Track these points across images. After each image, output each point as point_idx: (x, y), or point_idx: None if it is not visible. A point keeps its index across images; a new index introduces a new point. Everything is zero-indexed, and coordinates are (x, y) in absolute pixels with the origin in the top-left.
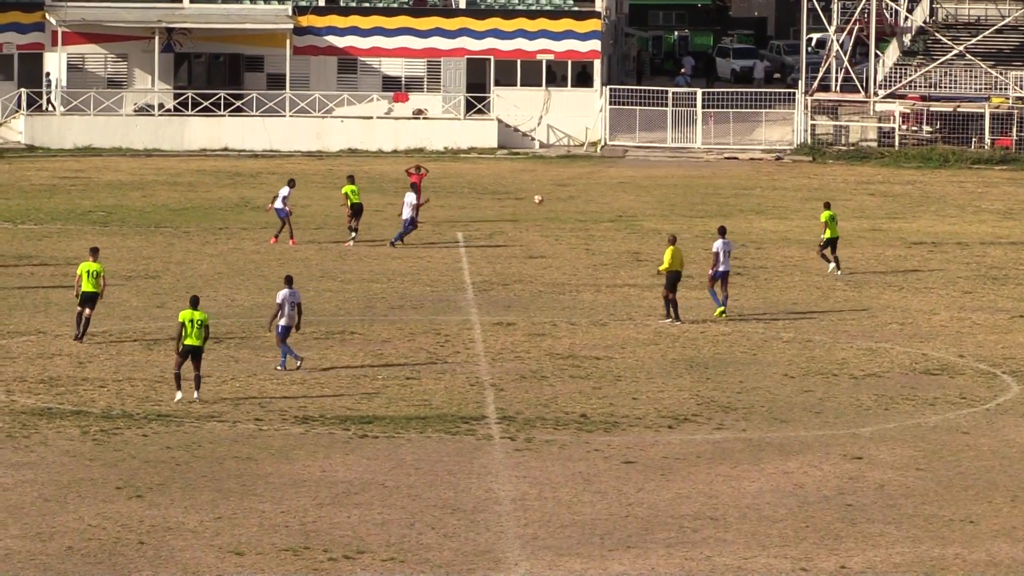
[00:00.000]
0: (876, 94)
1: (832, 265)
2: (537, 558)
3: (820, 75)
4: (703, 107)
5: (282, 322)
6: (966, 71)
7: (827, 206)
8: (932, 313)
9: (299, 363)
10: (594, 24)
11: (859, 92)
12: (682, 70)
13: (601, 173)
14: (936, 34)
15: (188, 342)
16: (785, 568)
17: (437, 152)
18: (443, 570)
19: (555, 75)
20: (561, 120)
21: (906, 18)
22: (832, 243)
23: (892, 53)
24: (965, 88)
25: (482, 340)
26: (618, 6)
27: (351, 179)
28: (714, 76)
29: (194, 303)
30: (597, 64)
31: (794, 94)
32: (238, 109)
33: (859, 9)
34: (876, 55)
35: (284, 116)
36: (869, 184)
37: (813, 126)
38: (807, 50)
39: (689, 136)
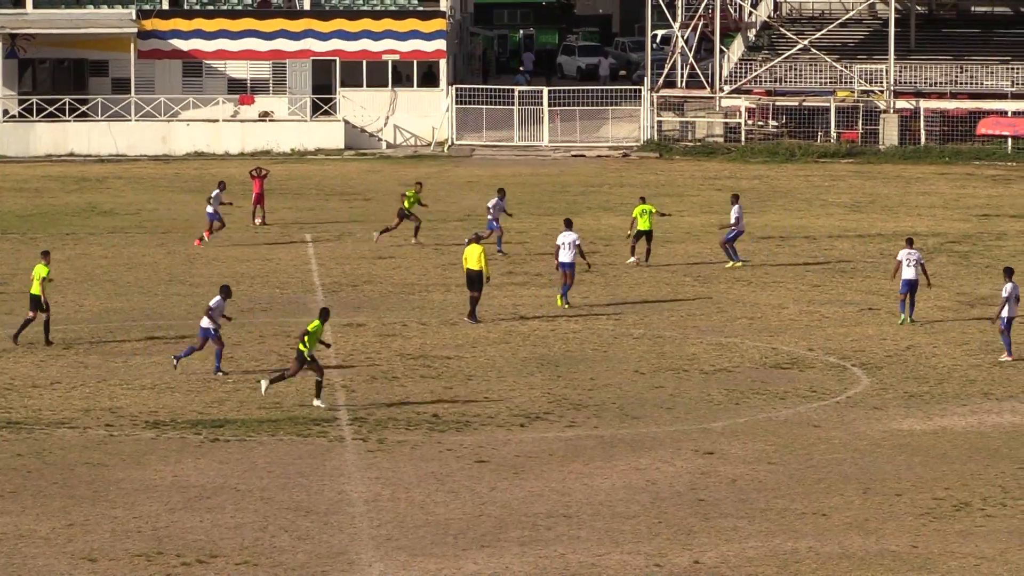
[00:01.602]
0: (722, 90)
1: (633, 259)
2: (391, 559)
3: (666, 71)
4: (549, 105)
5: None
6: (811, 65)
7: (642, 200)
8: (781, 307)
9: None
10: (439, 24)
11: (705, 88)
12: (520, 68)
13: (449, 173)
14: (780, 28)
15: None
16: (639, 564)
17: (284, 154)
18: (297, 573)
19: (401, 75)
20: (408, 120)
21: (750, 13)
22: (645, 235)
23: (737, 48)
24: (810, 82)
25: (332, 342)
26: (463, 5)
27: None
28: (554, 73)
29: (323, 315)
30: (443, 64)
31: (640, 91)
32: (83, 114)
33: (703, 5)
34: (721, 51)
35: (130, 120)
36: (716, 179)
37: (659, 122)
38: (652, 47)
39: (536, 134)
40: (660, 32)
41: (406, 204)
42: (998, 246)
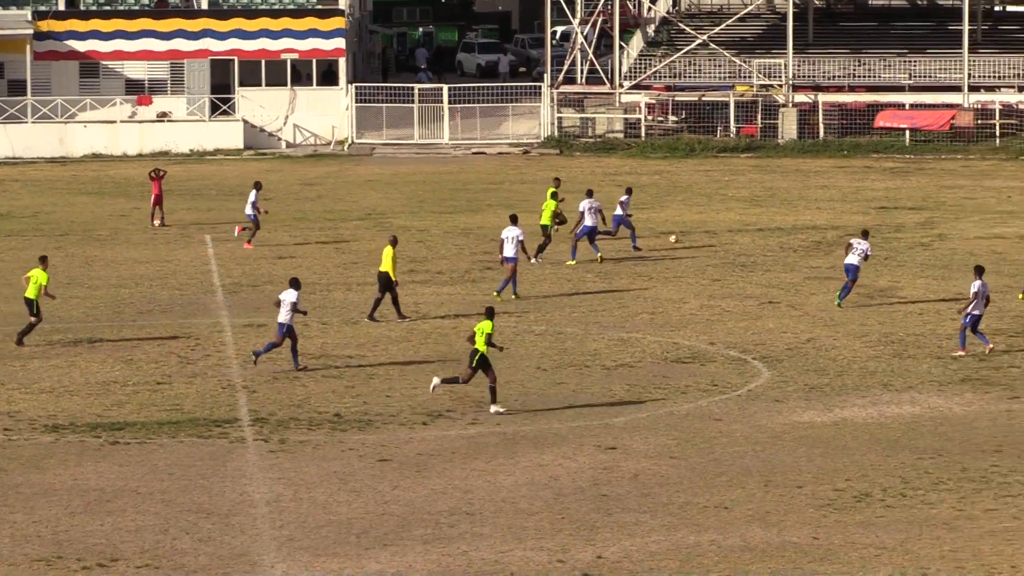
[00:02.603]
0: (621, 85)
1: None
2: (294, 559)
3: (565, 68)
4: (449, 103)
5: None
6: (710, 60)
7: (554, 196)
8: (682, 302)
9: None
10: (338, 22)
11: (604, 84)
12: (422, 66)
13: (349, 171)
14: (679, 24)
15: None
16: (542, 560)
17: (183, 154)
18: (199, 575)
19: (300, 74)
20: (307, 119)
21: (649, 9)
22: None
23: (636, 44)
24: (709, 77)
25: (233, 342)
26: (362, 3)
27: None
28: (447, 69)
29: (489, 314)
30: (342, 62)
31: (540, 87)
32: None
33: (603, 1)
34: (620, 47)
35: (26, 122)
36: (617, 175)
37: (560, 119)
38: (552, 43)
39: (436, 132)
40: (560, 29)
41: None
42: (896, 238)
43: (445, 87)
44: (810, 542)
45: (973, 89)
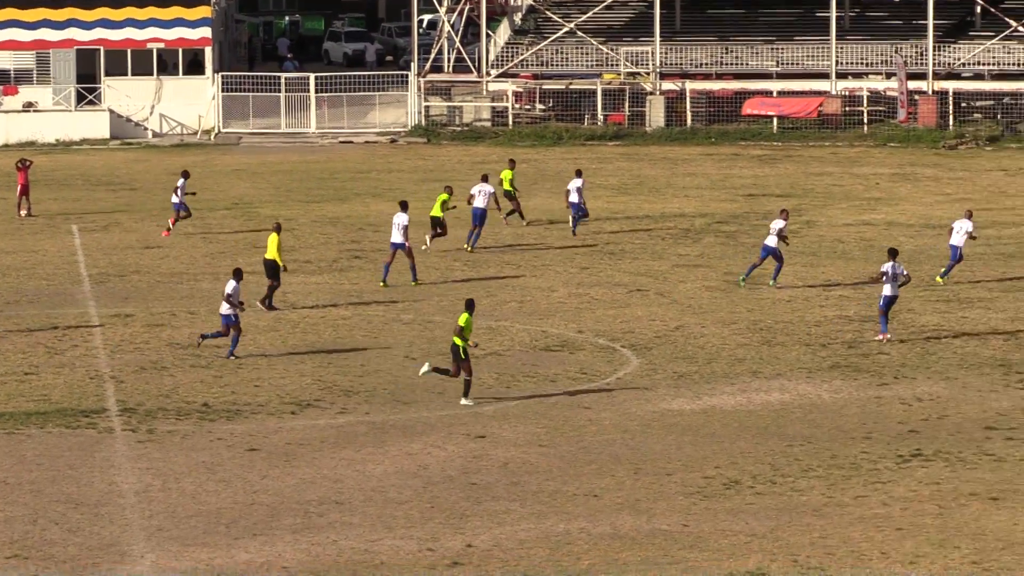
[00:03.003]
0: (488, 74)
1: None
2: (163, 549)
3: (432, 56)
4: (316, 92)
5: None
6: (577, 48)
7: (448, 191)
8: (550, 290)
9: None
10: (204, 11)
11: (472, 72)
12: (289, 55)
13: (216, 161)
14: (546, 12)
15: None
16: (412, 549)
17: (49, 144)
18: (68, 565)
19: (167, 63)
20: (174, 109)
21: None
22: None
23: (503, 32)
24: (577, 65)
25: (100, 332)
26: None
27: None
28: (313, 58)
29: (468, 307)
30: (208, 51)
31: (407, 76)
32: None
33: None
34: (487, 35)
35: None
36: (484, 164)
37: (427, 107)
38: (419, 32)
39: (303, 121)
40: (427, 17)
41: (506, 185)
42: (764, 226)
43: (312, 76)
44: (680, 529)
45: (841, 76)
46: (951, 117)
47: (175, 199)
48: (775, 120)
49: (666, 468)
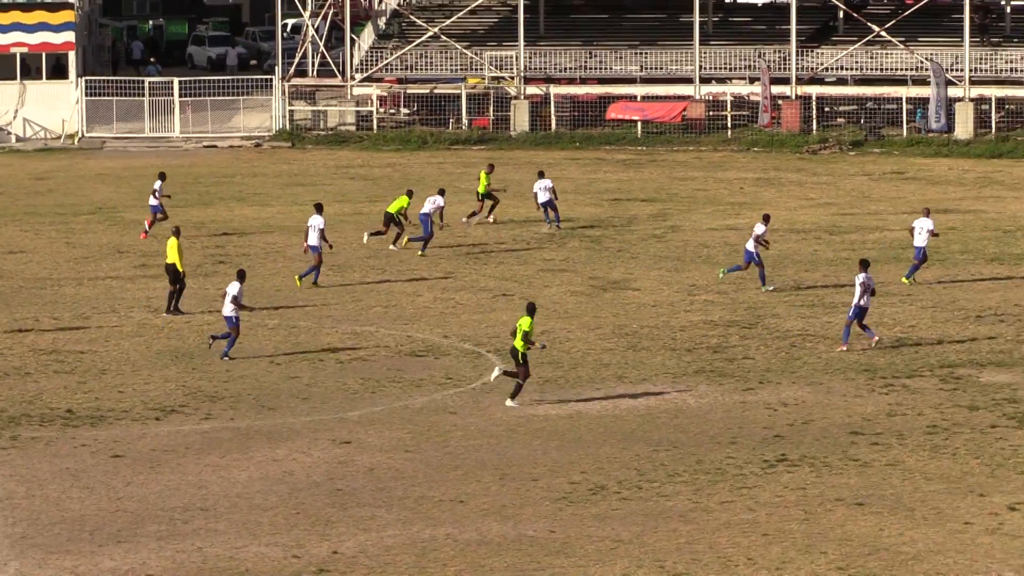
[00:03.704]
0: (353, 78)
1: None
2: (27, 557)
3: (296, 61)
4: (180, 96)
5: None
6: (441, 52)
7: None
8: (416, 295)
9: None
10: (67, 15)
11: (336, 77)
12: (152, 60)
13: (80, 165)
14: (411, 16)
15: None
16: (277, 556)
17: None
18: None
19: (30, 68)
20: (37, 113)
21: (380, 1)
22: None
23: (368, 37)
24: (441, 69)
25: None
26: None
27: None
28: (177, 62)
29: (529, 310)
30: (72, 56)
31: (271, 80)
32: None
33: None
34: (352, 39)
35: None
36: (349, 168)
37: (291, 112)
38: (283, 36)
39: (167, 125)
40: (291, 21)
41: (480, 188)
42: (629, 230)
43: (176, 80)
44: (546, 535)
45: (705, 81)
46: (814, 122)
47: (152, 201)
48: (639, 125)
49: (532, 473)
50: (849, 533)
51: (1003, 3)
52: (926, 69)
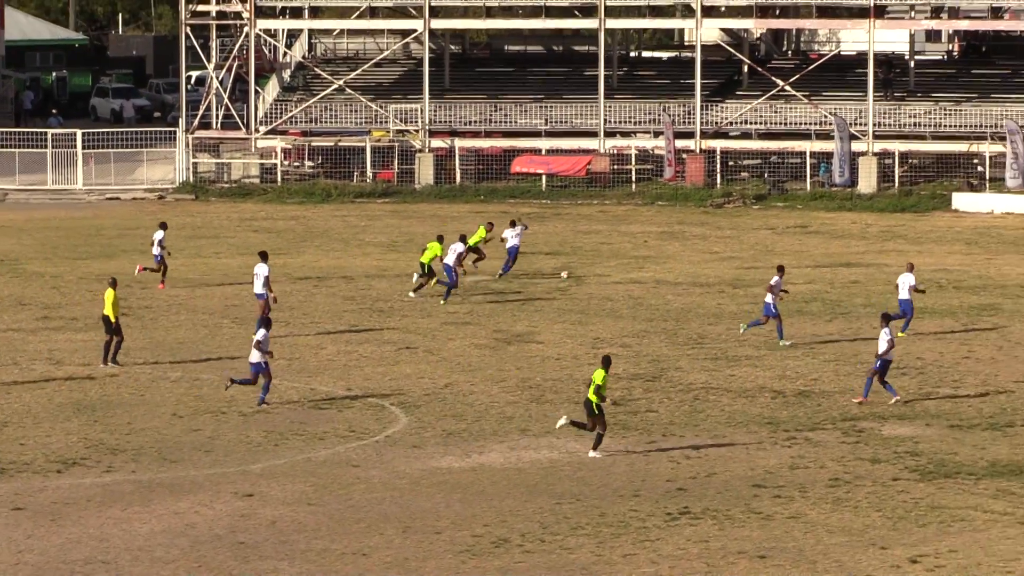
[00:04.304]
0: (257, 131)
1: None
2: None
3: (200, 113)
4: (84, 148)
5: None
6: (346, 105)
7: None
8: (320, 347)
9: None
10: None
11: (240, 129)
12: (53, 111)
13: None
14: (315, 69)
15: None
16: None
17: None
18: None
19: None
20: None
21: (285, 54)
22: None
23: (272, 89)
24: (346, 122)
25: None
26: None
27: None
28: (80, 114)
29: (605, 363)
30: None
31: (175, 133)
32: None
33: (237, 46)
34: (256, 92)
35: None
36: (253, 220)
37: (195, 164)
38: (187, 88)
39: (70, 178)
40: (195, 73)
41: (472, 241)
42: (534, 283)
43: (79, 132)
44: None
45: (609, 134)
46: (719, 175)
47: (155, 251)
48: (544, 178)
49: (435, 526)
50: None
51: (907, 58)
52: (830, 123)
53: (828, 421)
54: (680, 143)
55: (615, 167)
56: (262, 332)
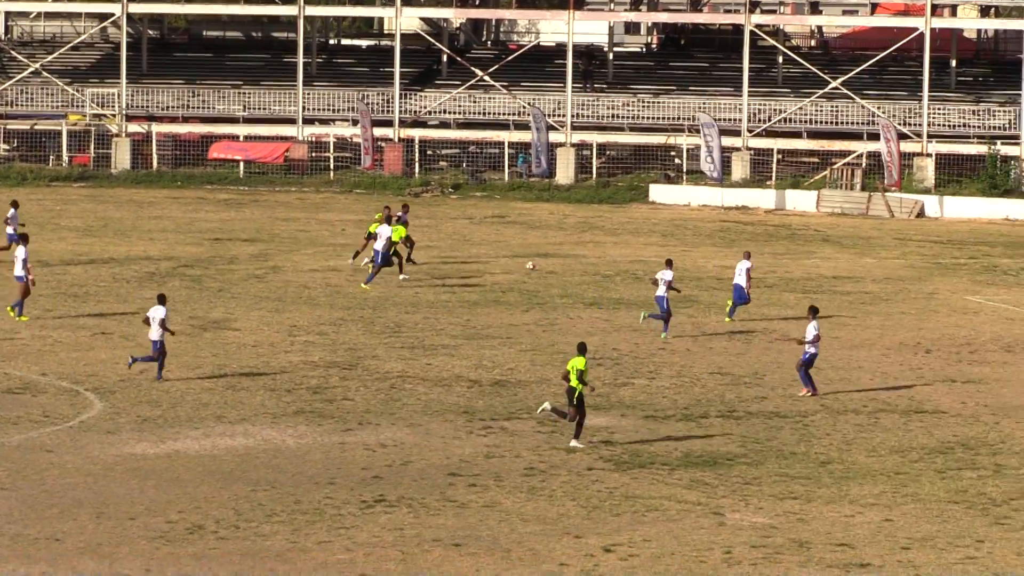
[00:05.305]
0: None
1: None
2: None
3: None
4: None
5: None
6: (43, 88)
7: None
8: (14, 332)
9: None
10: None
11: None
12: None
13: None
14: (12, 51)
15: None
16: None
17: None
18: None
19: None
20: None
21: None
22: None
23: None
24: (42, 105)
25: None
26: None
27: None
28: None
29: (581, 350)
30: None
31: None
32: None
33: None
34: None
35: None
36: None
37: None
38: None
39: None
40: None
41: (395, 237)
42: (230, 270)
43: None
44: (142, 574)
45: (308, 122)
46: (417, 164)
47: (8, 230)
48: (242, 165)
49: (129, 512)
50: (446, 573)
51: (606, 50)
52: (528, 114)
53: (524, 411)
54: (379, 131)
55: (313, 155)
56: (161, 309)
